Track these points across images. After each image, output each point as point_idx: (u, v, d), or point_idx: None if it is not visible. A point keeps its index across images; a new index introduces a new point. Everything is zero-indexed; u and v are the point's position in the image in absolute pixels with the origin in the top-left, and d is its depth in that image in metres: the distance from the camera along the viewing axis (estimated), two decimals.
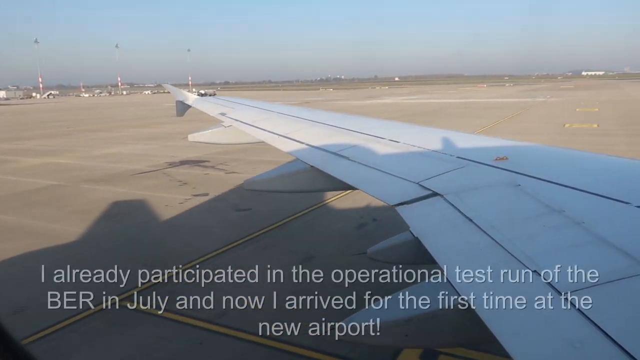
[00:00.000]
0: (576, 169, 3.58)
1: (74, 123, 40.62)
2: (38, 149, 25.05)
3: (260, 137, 7.28)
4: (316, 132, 6.47)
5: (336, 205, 12.13)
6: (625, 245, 2.18)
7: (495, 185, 3.32)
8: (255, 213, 11.77)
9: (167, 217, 11.74)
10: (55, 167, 19.24)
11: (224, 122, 8.95)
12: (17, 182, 16.33)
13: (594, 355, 1.63)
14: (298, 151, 5.75)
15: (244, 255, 9.10)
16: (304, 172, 5.15)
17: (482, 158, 3.87)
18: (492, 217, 2.83)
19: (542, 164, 3.83)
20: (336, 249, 9.26)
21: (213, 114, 10.65)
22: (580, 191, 2.91)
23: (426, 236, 2.84)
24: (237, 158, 19.07)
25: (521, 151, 4.30)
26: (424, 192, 3.45)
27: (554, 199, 2.85)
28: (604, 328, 1.71)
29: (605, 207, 2.67)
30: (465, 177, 3.60)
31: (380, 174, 4.18)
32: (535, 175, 3.30)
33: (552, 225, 2.56)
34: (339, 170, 4.66)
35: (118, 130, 33.36)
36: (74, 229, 10.82)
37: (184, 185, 15.12)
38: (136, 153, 22.50)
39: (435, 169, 3.87)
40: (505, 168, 3.55)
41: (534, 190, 3.05)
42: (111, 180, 16.16)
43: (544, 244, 2.42)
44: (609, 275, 1.99)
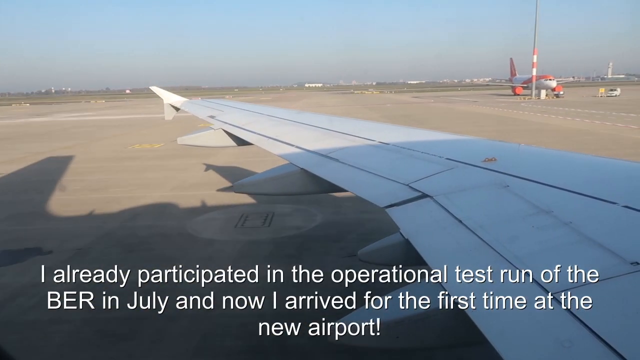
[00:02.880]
0: (564, 170, 3.62)
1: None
2: None
3: (250, 140, 7.27)
4: (306, 135, 6.48)
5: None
6: (613, 245, 2.20)
7: (484, 187, 3.34)
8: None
9: None
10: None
11: (214, 125, 8.94)
12: None
13: (583, 354, 1.64)
14: (288, 154, 5.74)
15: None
16: (294, 175, 5.14)
17: (470, 159, 3.89)
18: (481, 217, 2.85)
19: (530, 164, 3.86)
20: None
21: (202, 116, 10.63)
22: (568, 192, 2.93)
23: (416, 237, 2.85)
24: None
25: (509, 152, 4.33)
26: (414, 193, 3.47)
27: (542, 199, 2.87)
28: (592, 327, 1.72)
29: (593, 207, 2.70)
30: (455, 179, 3.62)
31: (370, 176, 4.19)
32: (523, 176, 3.33)
33: (540, 225, 2.58)
34: (329, 173, 4.66)
35: None
36: None
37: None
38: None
39: (424, 171, 3.88)
40: (494, 169, 3.57)
41: (522, 190, 3.07)
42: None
43: (533, 244, 2.44)
44: (597, 274, 2.00)
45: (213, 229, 11.87)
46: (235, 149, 9.13)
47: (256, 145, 6.98)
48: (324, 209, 12.97)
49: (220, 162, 21.05)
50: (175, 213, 13.67)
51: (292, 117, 8.43)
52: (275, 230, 11.60)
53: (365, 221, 11.64)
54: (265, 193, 5.65)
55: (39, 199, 15.63)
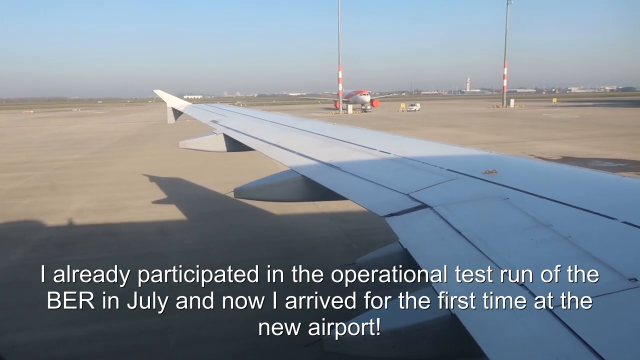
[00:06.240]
0: (564, 184, 3.62)
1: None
2: None
3: (252, 145, 7.28)
4: (308, 142, 6.49)
5: None
6: (611, 261, 2.20)
7: (484, 199, 3.35)
8: None
9: None
10: None
11: (216, 129, 8.97)
12: None
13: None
14: (289, 160, 5.75)
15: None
16: (295, 182, 5.14)
17: (471, 171, 3.89)
18: (480, 229, 2.85)
19: (530, 178, 3.86)
20: None
21: (205, 121, 10.67)
22: (567, 206, 2.93)
23: (415, 247, 2.85)
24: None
25: (510, 165, 4.34)
26: (414, 203, 3.47)
27: (541, 213, 2.87)
28: (589, 343, 1.72)
29: (592, 222, 2.70)
30: (455, 190, 3.62)
31: (370, 185, 4.19)
32: (523, 189, 3.33)
33: (539, 238, 2.58)
34: (330, 181, 4.66)
35: None
36: None
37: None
38: None
39: (425, 181, 3.89)
40: (494, 181, 3.58)
41: (522, 203, 3.07)
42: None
43: (531, 258, 2.44)
44: (595, 289, 2.00)
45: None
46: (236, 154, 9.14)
47: (258, 151, 6.99)
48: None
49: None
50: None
51: (295, 124, 8.46)
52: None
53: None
54: (265, 199, 5.64)
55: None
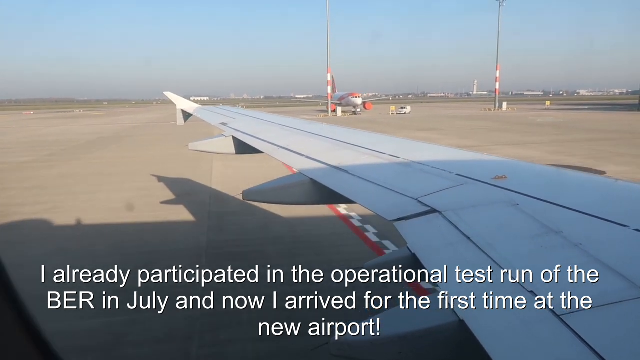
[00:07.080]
0: (575, 190, 3.59)
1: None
2: None
3: (261, 148, 7.31)
4: (317, 145, 6.49)
5: None
6: (622, 268, 2.17)
7: (494, 204, 3.32)
8: None
9: None
10: None
11: (225, 132, 9.02)
12: None
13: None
14: (298, 163, 5.76)
15: None
16: (303, 185, 5.15)
17: (481, 176, 3.87)
18: (489, 235, 2.83)
19: (540, 184, 3.83)
20: None
21: (214, 123, 10.74)
22: (578, 212, 2.90)
23: (423, 252, 2.83)
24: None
25: (520, 170, 4.30)
26: (423, 208, 3.45)
27: (552, 219, 2.84)
28: (599, 351, 1.70)
29: (603, 229, 2.67)
30: (464, 195, 3.60)
31: (379, 189, 4.18)
32: (533, 195, 3.30)
33: (549, 245, 2.55)
34: (339, 184, 4.65)
35: None
36: None
37: None
38: None
39: (434, 186, 3.87)
40: (504, 187, 3.55)
41: (532, 210, 3.05)
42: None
43: (541, 265, 2.41)
44: (605, 297, 1.98)
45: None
46: (245, 156, 9.18)
47: (266, 154, 7.02)
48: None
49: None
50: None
51: (304, 127, 8.47)
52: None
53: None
54: (274, 202, 5.65)
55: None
